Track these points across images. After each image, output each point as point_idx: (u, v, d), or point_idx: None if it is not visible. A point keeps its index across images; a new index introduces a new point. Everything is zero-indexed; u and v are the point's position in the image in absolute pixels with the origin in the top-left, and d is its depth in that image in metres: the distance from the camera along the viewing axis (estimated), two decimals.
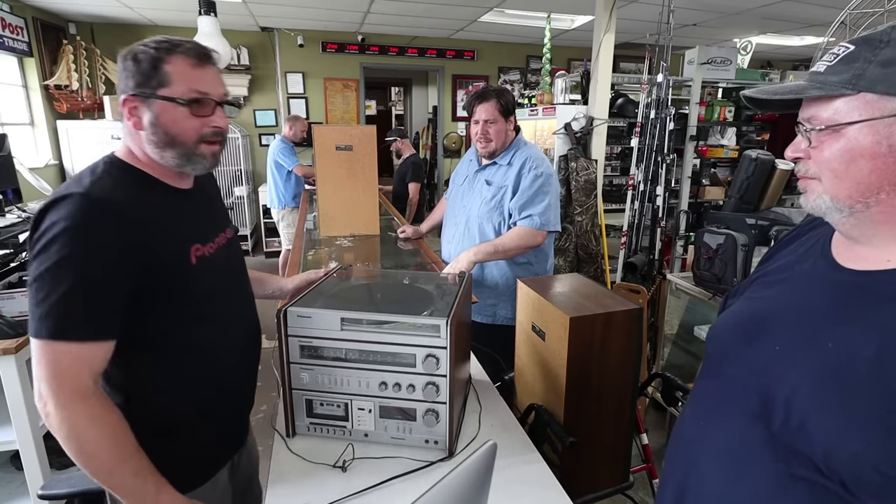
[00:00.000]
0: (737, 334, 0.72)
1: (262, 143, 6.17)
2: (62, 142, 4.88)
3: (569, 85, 3.80)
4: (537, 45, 6.52)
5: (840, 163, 0.58)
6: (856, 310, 0.59)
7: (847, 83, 0.56)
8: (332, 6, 4.83)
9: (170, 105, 0.89)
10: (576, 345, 1.12)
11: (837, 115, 0.57)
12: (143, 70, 0.88)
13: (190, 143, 0.92)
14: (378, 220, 2.60)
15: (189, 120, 0.91)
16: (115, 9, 4.77)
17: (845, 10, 2.35)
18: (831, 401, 0.56)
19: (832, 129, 0.58)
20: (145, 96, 0.88)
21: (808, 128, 0.60)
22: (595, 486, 1.22)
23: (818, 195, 0.61)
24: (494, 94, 1.90)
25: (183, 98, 0.89)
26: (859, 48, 0.57)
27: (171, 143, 0.91)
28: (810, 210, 0.64)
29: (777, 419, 0.60)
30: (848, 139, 0.57)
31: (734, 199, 2.56)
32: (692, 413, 0.76)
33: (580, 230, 3.41)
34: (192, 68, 0.91)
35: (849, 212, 0.59)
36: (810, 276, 0.68)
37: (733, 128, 3.72)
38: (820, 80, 0.59)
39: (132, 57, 0.89)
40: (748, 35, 5.64)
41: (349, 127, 3.94)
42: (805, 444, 0.57)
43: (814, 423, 0.56)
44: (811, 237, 0.73)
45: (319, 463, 1.00)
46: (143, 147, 0.93)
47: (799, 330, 0.63)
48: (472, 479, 0.61)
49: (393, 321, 1.00)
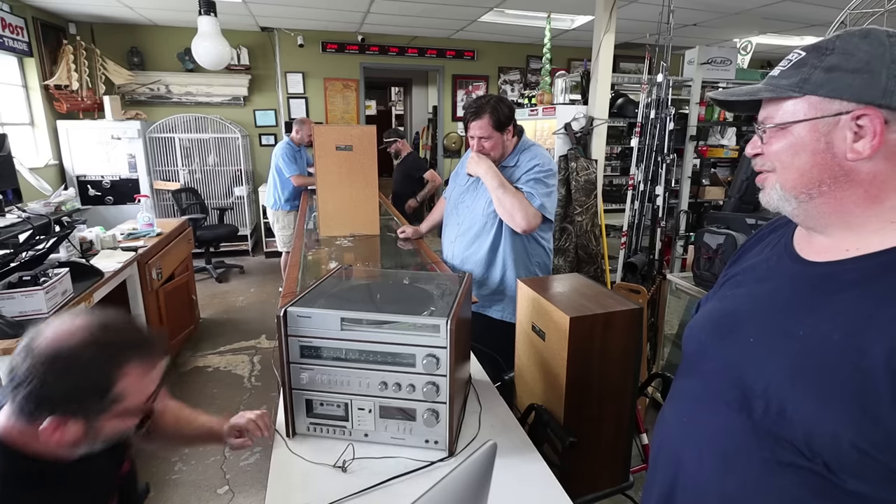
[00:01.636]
0: (712, 332, 0.75)
1: (262, 144, 6.17)
2: (62, 142, 4.87)
3: (569, 85, 3.80)
4: (537, 45, 6.52)
5: (787, 155, 0.64)
6: (821, 298, 0.63)
7: (794, 86, 0.62)
8: (332, 6, 4.83)
9: (118, 419, 0.78)
10: (576, 345, 1.12)
11: (786, 114, 0.64)
12: (84, 390, 0.74)
13: (122, 435, 0.83)
14: (378, 220, 2.60)
15: (133, 419, 0.82)
16: (115, 9, 4.76)
17: (845, 10, 2.35)
18: (807, 385, 0.59)
19: (780, 126, 0.64)
20: (89, 416, 0.75)
21: (763, 126, 0.67)
22: (595, 486, 1.22)
23: (772, 186, 0.67)
24: (488, 108, 1.86)
25: (139, 411, 0.80)
26: (809, 55, 0.63)
27: (101, 444, 0.80)
28: (766, 204, 0.69)
29: (758, 408, 0.63)
30: (793, 135, 0.63)
31: (734, 199, 2.56)
32: (674, 412, 0.78)
33: (580, 230, 3.40)
34: (145, 373, 0.80)
35: (796, 202, 0.65)
36: (777, 272, 0.72)
37: (733, 128, 3.72)
38: (773, 83, 0.65)
39: (66, 370, 0.72)
40: (748, 35, 5.63)
41: (349, 127, 3.94)
42: (787, 430, 0.60)
43: (793, 408, 0.59)
44: (774, 238, 0.78)
45: (319, 463, 1.00)
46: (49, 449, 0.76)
47: (771, 322, 0.66)
48: (472, 479, 0.61)
49: (393, 321, 1.00)
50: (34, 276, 1.88)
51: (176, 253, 3.25)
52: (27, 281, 1.85)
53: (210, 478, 2.19)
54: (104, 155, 5.01)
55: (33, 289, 1.82)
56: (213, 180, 5.64)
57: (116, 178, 5.09)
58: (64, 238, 2.30)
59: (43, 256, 2.13)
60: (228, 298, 4.47)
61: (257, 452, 2.32)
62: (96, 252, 2.60)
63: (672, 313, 2.73)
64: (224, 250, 5.59)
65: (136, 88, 5.56)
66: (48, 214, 2.22)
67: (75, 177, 4.96)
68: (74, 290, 2.05)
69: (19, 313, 1.79)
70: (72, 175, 4.95)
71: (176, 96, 5.70)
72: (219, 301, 4.39)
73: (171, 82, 5.64)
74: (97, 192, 5.05)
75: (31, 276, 1.88)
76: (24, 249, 2.05)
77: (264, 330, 3.74)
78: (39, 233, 2.11)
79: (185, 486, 2.13)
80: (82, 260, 2.32)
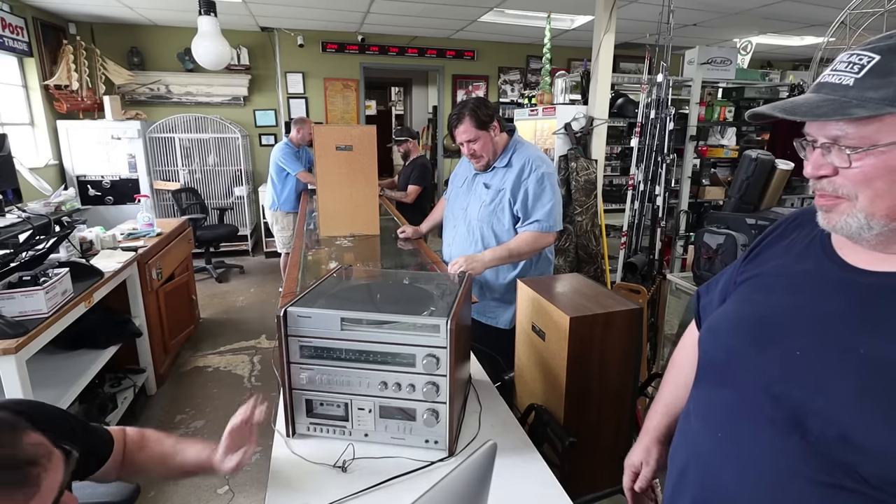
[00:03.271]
0: (742, 339, 0.69)
1: (262, 144, 6.17)
2: (62, 142, 4.87)
3: (569, 85, 3.80)
4: (537, 45, 6.52)
5: (884, 182, 0.55)
6: (880, 313, 0.57)
7: (892, 100, 0.53)
8: (332, 6, 4.83)
9: None
10: (576, 345, 1.12)
11: (879, 133, 0.54)
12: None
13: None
14: (378, 220, 2.60)
15: None
16: (115, 9, 4.76)
17: (845, 10, 2.35)
18: (874, 408, 0.54)
19: (874, 149, 0.55)
20: None
21: (838, 147, 0.57)
22: (595, 486, 1.22)
23: (850, 214, 0.58)
24: (467, 111, 1.86)
25: None
26: (887, 58, 0.54)
27: None
28: (833, 229, 0.61)
29: (814, 430, 0.58)
30: (891, 158, 0.54)
31: (734, 199, 2.55)
32: (704, 424, 0.72)
33: (580, 230, 3.41)
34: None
35: (883, 229, 0.57)
36: (818, 278, 0.65)
37: (733, 128, 3.72)
38: (855, 97, 0.55)
39: None
40: (748, 35, 5.63)
41: (349, 127, 3.94)
42: (848, 455, 0.55)
43: (859, 433, 0.54)
44: (802, 236, 0.71)
45: (319, 463, 1.00)
46: None
47: (819, 334, 0.61)
48: (472, 479, 0.61)
49: (393, 321, 1.00)
50: (34, 276, 1.88)
51: (176, 253, 3.25)
52: (27, 281, 1.85)
53: (210, 478, 2.19)
54: (104, 155, 5.01)
55: (33, 289, 1.82)
56: (213, 180, 5.64)
57: (116, 178, 5.09)
58: (64, 238, 2.30)
59: (43, 256, 2.13)
60: (228, 298, 4.47)
61: (257, 452, 2.31)
62: (96, 252, 2.60)
63: (672, 313, 2.73)
64: (224, 250, 5.59)
65: (136, 88, 5.56)
66: (48, 214, 2.22)
67: (75, 177, 4.96)
68: (74, 290, 2.05)
69: (19, 313, 1.78)
70: (72, 175, 4.95)
71: (176, 96, 5.70)
72: (219, 301, 4.39)
73: (171, 82, 5.64)
74: (97, 192, 5.05)
75: (31, 276, 1.88)
76: (24, 249, 2.05)
77: (264, 330, 3.74)
78: (39, 233, 2.11)
79: (185, 486, 2.13)
80: (82, 260, 2.32)
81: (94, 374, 2.24)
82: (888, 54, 0.54)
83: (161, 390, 2.89)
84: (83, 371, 2.19)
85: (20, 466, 0.62)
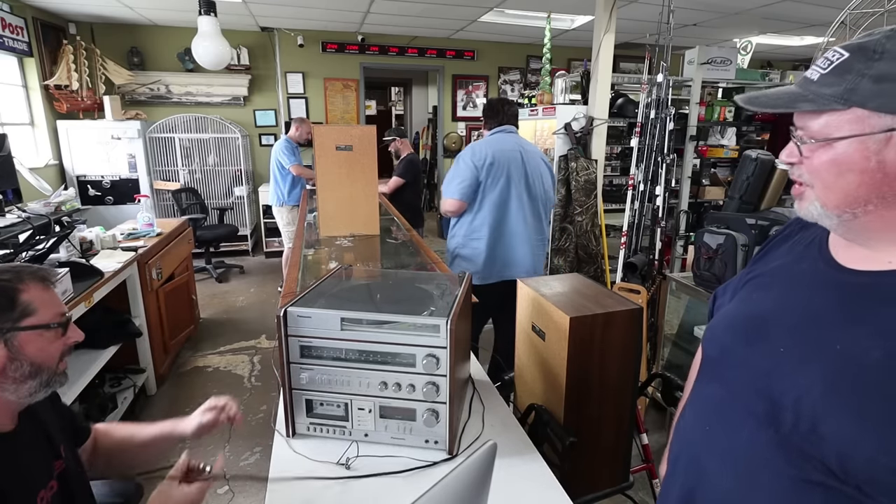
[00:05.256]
0: (736, 336, 0.71)
1: (262, 144, 6.18)
2: (62, 142, 4.87)
3: (569, 85, 3.79)
4: (537, 45, 6.52)
5: (829, 174, 0.59)
6: (861, 311, 0.59)
7: (839, 97, 0.56)
8: (332, 6, 4.83)
9: (35, 334, 0.84)
10: (576, 345, 1.12)
11: (828, 128, 0.57)
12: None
13: (53, 366, 0.89)
14: (378, 220, 2.60)
15: (55, 343, 0.88)
16: (115, 9, 4.76)
17: (845, 10, 2.35)
18: (843, 404, 0.55)
19: (822, 142, 0.58)
20: (4, 332, 0.81)
21: (800, 138, 0.61)
22: (595, 486, 1.22)
23: (811, 202, 0.62)
24: None
25: (55, 322, 0.86)
26: (853, 57, 0.56)
27: (35, 374, 0.86)
28: (803, 215, 0.65)
29: (786, 423, 0.60)
30: (837, 152, 0.57)
31: (734, 200, 2.55)
32: (695, 417, 0.75)
33: (580, 230, 3.41)
34: (46, 291, 0.87)
35: (838, 220, 0.61)
36: (810, 276, 0.67)
37: (733, 128, 3.72)
38: (812, 91, 0.58)
39: None
40: (748, 35, 5.63)
41: (349, 127, 3.94)
42: (817, 448, 0.57)
43: (827, 427, 0.56)
44: (805, 237, 0.73)
45: (319, 463, 1.00)
46: None
47: (803, 331, 0.62)
48: (472, 479, 0.61)
49: (393, 321, 1.00)
50: None
51: (176, 253, 3.25)
52: None
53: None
54: (104, 155, 5.02)
55: None
56: (213, 180, 5.64)
57: (116, 178, 5.09)
58: (64, 238, 2.30)
59: (43, 256, 2.13)
60: (228, 298, 4.47)
61: (257, 452, 2.31)
62: (96, 252, 2.60)
63: (672, 313, 2.73)
64: (224, 250, 5.59)
65: (136, 88, 5.56)
66: (48, 214, 2.22)
67: (75, 177, 4.96)
68: (74, 290, 2.05)
69: None
70: (72, 175, 4.95)
71: (176, 96, 5.71)
72: (219, 301, 4.39)
73: (171, 82, 5.64)
74: (97, 192, 5.05)
75: None
76: (24, 249, 2.05)
77: (264, 330, 3.74)
78: (39, 233, 2.11)
79: None
80: (82, 260, 2.32)
81: (94, 374, 2.24)
82: (855, 53, 0.56)
83: (161, 390, 2.89)
84: (83, 371, 2.19)
85: (50, 271, 0.87)
